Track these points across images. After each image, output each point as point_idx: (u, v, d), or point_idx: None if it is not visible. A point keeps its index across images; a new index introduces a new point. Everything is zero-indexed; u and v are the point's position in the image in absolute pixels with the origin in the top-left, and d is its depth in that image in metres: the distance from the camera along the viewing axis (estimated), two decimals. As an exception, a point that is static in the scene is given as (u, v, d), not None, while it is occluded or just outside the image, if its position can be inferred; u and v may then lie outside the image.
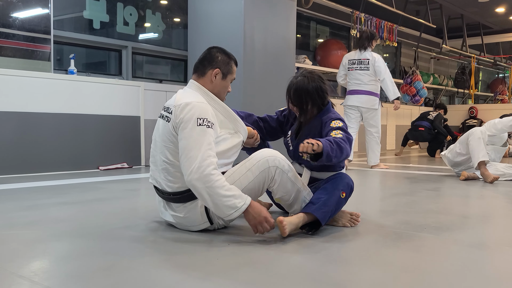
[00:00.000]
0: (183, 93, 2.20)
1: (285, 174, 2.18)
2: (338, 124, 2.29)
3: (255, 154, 2.19)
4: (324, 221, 2.18)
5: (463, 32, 10.70)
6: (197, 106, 2.07)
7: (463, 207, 3.18)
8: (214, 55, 2.24)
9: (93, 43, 5.53)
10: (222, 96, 2.28)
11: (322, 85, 2.39)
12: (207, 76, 2.22)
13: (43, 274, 1.60)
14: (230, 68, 2.27)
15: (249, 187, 2.14)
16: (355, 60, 5.69)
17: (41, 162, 4.61)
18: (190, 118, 2.04)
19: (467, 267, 1.76)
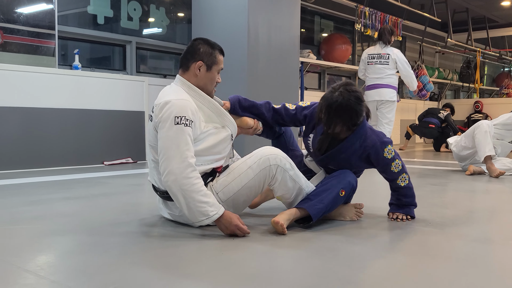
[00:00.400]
0: (166, 90, 2.17)
1: (287, 173, 2.16)
2: (399, 167, 2.34)
3: (256, 151, 2.18)
4: (316, 217, 2.17)
5: (468, 26, 10.63)
6: (175, 105, 2.02)
7: (468, 201, 3.17)
8: (196, 47, 2.18)
9: (97, 38, 5.54)
10: (210, 88, 2.21)
11: (357, 107, 2.21)
12: (191, 69, 2.17)
13: (49, 268, 1.61)
14: (215, 58, 2.19)
15: (249, 185, 2.14)
16: (375, 55, 5.80)
17: (46, 157, 4.62)
18: (168, 117, 2.00)
19: (472, 262, 1.76)
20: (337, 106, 2.18)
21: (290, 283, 1.48)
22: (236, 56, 5.15)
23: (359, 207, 2.41)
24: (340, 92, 2.21)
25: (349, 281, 1.51)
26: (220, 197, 2.14)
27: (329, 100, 2.22)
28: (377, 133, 2.35)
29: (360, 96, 2.24)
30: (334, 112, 2.20)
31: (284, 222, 2.08)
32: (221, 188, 2.14)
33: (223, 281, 1.50)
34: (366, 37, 9.47)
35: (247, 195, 2.17)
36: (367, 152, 2.31)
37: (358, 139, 2.30)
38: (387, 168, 2.35)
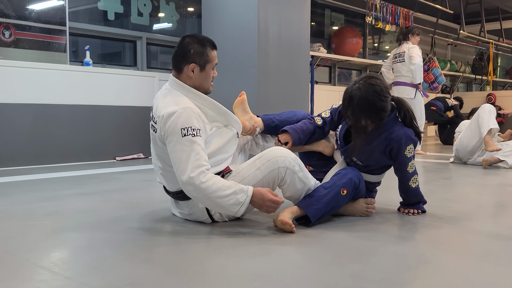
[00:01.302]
0: (165, 98, 2.11)
1: (296, 175, 2.14)
2: (413, 168, 2.36)
3: (265, 153, 2.15)
4: (314, 218, 2.14)
5: (481, 17, 10.49)
6: (179, 116, 2.00)
7: (480, 196, 3.15)
8: (186, 48, 2.12)
9: (108, 34, 5.56)
10: (206, 86, 2.18)
11: (375, 99, 2.19)
12: (184, 72, 2.13)
13: (63, 264, 1.63)
14: (207, 57, 2.14)
15: (258, 186, 2.12)
16: (396, 54, 6.23)
17: (59, 153, 4.67)
18: (174, 131, 1.99)
19: (483, 257, 1.75)
20: (357, 99, 2.19)
21: (301, 279, 1.49)
22: (246, 51, 5.14)
23: (371, 203, 2.39)
24: (359, 85, 2.21)
25: (360, 276, 1.51)
26: None
27: (348, 93, 2.24)
28: (406, 129, 2.31)
29: (379, 90, 2.20)
30: (354, 105, 2.20)
31: (290, 218, 2.08)
32: None
33: (235, 278, 1.51)
34: (377, 30, 9.40)
35: None
36: (391, 146, 2.29)
37: (385, 131, 2.29)
38: (403, 167, 2.35)
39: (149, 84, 5.44)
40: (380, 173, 2.48)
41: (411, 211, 2.46)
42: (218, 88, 2.87)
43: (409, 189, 2.41)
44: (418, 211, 2.46)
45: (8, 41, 4.47)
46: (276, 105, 5.29)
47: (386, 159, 2.35)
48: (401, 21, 8.47)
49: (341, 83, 8.70)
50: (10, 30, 4.47)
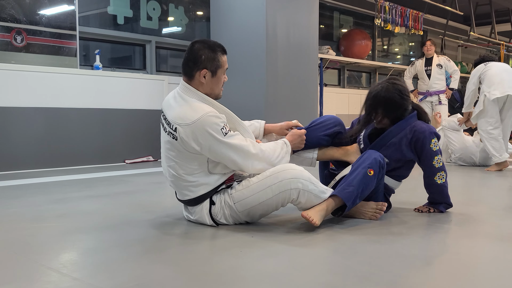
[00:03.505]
0: (184, 105, 2.10)
1: (310, 193, 2.11)
2: (440, 163, 2.40)
3: (279, 171, 2.10)
4: (349, 201, 2.15)
5: (491, 18, 10.42)
6: (207, 123, 2.02)
7: (491, 198, 3.12)
8: (197, 54, 2.11)
9: (117, 38, 5.60)
10: (217, 91, 2.18)
11: (397, 99, 2.33)
12: (196, 78, 2.12)
13: (71, 266, 1.64)
14: (218, 62, 2.14)
15: (267, 203, 2.11)
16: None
17: (70, 156, 4.71)
18: (211, 139, 2.02)
19: (493, 260, 1.73)
20: (377, 95, 2.34)
21: (308, 281, 1.49)
22: (255, 54, 5.16)
23: (381, 206, 2.38)
24: (383, 85, 2.36)
25: (367, 278, 1.51)
26: (236, 207, 2.13)
27: (372, 91, 2.39)
28: (427, 124, 2.42)
29: (402, 89, 2.36)
30: (376, 102, 2.35)
31: (315, 214, 2.09)
32: (238, 200, 2.13)
33: (242, 279, 1.51)
34: (386, 32, 9.36)
35: (264, 210, 2.16)
36: (416, 137, 2.35)
37: (408, 125, 2.38)
38: (429, 161, 2.38)
39: (158, 87, 5.47)
40: (400, 179, 2.51)
41: (424, 209, 2.47)
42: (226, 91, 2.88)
43: (434, 184, 2.43)
44: (434, 209, 2.48)
45: (20, 46, 4.52)
46: (285, 108, 5.30)
47: (412, 153, 2.39)
48: (411, 23, 8.44)
49: (350, 86, 8.68)
50: (22, 35, 4.52)
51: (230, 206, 2.14)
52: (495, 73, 4.54)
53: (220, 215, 2.17)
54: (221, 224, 2.19)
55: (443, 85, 6.80)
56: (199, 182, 2.13)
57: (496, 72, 4.55)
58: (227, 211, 2.16)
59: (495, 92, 4.45)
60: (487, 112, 4.51)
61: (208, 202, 2.16)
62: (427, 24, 9.65)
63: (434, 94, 6.79)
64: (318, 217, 2.10)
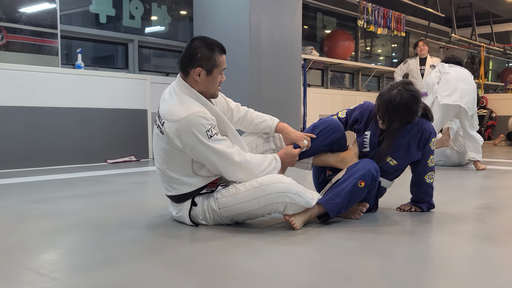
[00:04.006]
0: (175, 100, 2.09)
1: (297, 205, 2.10)
2: (432, 163, 2.43)
3: (267, 183, 2.07)
4: (333, 212, 2.15)
5: (472, 21, 10.57)
6: (192, 123, 1.99)
7: (471, 198, 3.17)
8: (194, 51, 2.09)
9: (99, 37, 5.55)
10: (212, 90, 2.16)
11: (414, 106, 2.27)
12: (191, 75, 2.10)
13: (50, 266, 1.62)
14: (214, 62, 2.10)
15: (252, 213, 2.10)
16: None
17: (50, 156, 4.65)
18: (194, 139, 2.00)
19: (473, 259, 1.76)
20: (395, 104, 2.24)
21: (290, 280, 1.49)
22: (238, 54, 5.15)
23: (362, 207, 2.38)
24: (399, 90, 2.26)
25: (348, 277, 1.52)
26: (221, 212, 2.12)
27: (388, 98, 2.27)
28: (429, 123, 2.43)
29: (418, 96, 2.29)
30: (391, 110, 2.25)
31: (297, 218, 2.11)
32: (223, 206, 2.11)
33: (223, 279, 1.51)
34: (369, 34, 9.44)
35: (249, 217, 2.17)
36: (424, 136, 2.36)
37: (416, 125, 2.36)
38: (425, 159, 2.41)
39: (140, 87, 5.43)
40: (394, 179, 2.52)
41: (406, 208, 2.50)
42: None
43: (423, 183, 2.46)
44: (415, 208, 2.50)
45: (0, 44, 4.45)
46: (268, 108, 5.30)
47: (420, 153, 2.40)
48: (393, 24, 8.52)
49: (333, 86, 8.73)
50: (2, 33, 4.45)
51: (214, 211, 2.13)
52: (452, 79, 4.52)
53: (202, 216, 2.16)
54: (201, 224, 2.19)
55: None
56: (182, 180, 2.12)
57: (454, 78, 4.54)
58: (209, 214, 2.14)
59: (447, 98, 4.45)
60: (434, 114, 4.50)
61: (190, 203, 2.15)
62: (409, 26, 9.75)
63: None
64: (299, 221, 2.12)
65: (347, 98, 8.31)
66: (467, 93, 4.49)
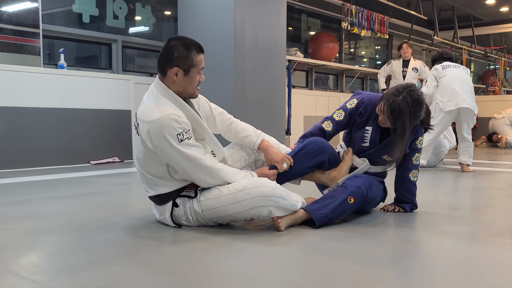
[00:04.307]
0: (152, 101, 2.08)
1: (282, 208, 2.10)
2: (418, 161, 2.50)
3: (251, 186, 2.05)
4: (319, 222, 2.15)
5: (454, 23, 10.71)
6: (163, 126, 1.97)
7: (454, 198, 3.20)
8: (171, 51, 2.07)
9: (82, 37, 5.50)
10: (191, 90, 2.13)
11: (418, 113, 2.31)
12: (168, 75, 2.08)
13: (31, 268, 1.60)
14: (191, 61, 2.08)
15: (235, 216, 2.09)
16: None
17: (32, 157, 4.58)
18: (163, 143, 1.98)
19: (455, 259, 1.78)
20: (400, 110, 2.27)
21: (274, 280, 1.49)
22: (223, 55, 5.15)
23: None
24: (404, 97, 2.28)
25: (332, 277, 1.52)
26: (205, 214, 2.11)
27: (393, 104, 2.28)
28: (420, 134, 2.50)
29: (422, 101, 2.33)
30: (396, 116, 2.28)
31: (284, 220, 2.11)
32: (207, 209, 2.10)
33: (206, 279, 1.50)
34: (353, 36, 9.51)
35: (233, 220, 2.15)
36: (417, 134, 2.44)
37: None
38: (410, 156, 2.46)
39: (124, 87, 5.39)
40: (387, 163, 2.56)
41: (390, 208, 2.52)
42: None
43: (407, 180, 2.49)
44: (399, 208, 2.52)
45: (-20, 43, 4.38)
46: (253, 109, 5.30)
47: (408, 148, 2.45)
48: (376, 26, 8.59)
49: (318, 88, 8.76)
50: (-18, 32, 4.38)
51: (197, 213, 2.11)
52: (449, 82, 4.52)
53: (184, 218, 2.14)
54: (184, 225, 2.18)
55: None
56: (160, 182, 2.12)
57: (450, 81, 4.53)
58: (192, 216, 2.13)
59: (449, 103, 4.46)
60: (434, 119, 4.53)
61: (171, 204, 2.14)
62: (392, 28, 9.84)
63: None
64: (285, 223, 2.12)
65: (331, 99, 8.35)
66: (468, 93, 4.50)
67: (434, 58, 4.96)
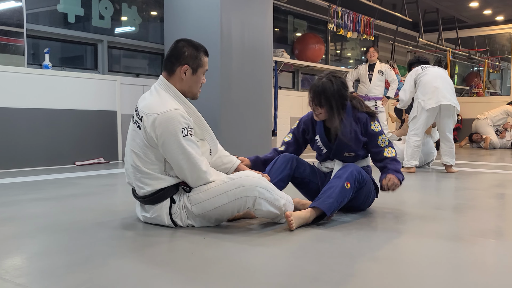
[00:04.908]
0: (156, 97, 2.14)
1: (265, 201, 2.11)
2: (385, 142, 2.56)
3: (236, 177, 2.12)
4: (329, 211, 2.24)
5: (438, 26, 10.83)
6: (170, 118, 2.03)
7: (438, 199, 3.24)
8: (180, 50, 2.17)
9: (68, 37, 5.45)
10: (195, 90, 2.23)
11: (342, 91, 2.46)
12: (176, 73, 2.16)
13: (14, 271, 1.58)
14: (200, 61, 2.20)
15: (222, 208, 2.11)
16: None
17: (16, 158, 4.53)
18: (168, 134, 2.03)
19: (439, 258, 1.80)
20: (323, 88, 2.42)
21: (260, 281, 1.49)
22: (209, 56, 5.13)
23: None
24: (327, 78, 2.46)
25: (317, 278, 1.53)
26: (193, 210, 2.13)
27: (315, 85, 2.47)
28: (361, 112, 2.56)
29: (345, 82, 2.51)
30: (321, 92, 2.43)
31: (297, 218, 2.17)
32: (195, 203, 2.12)
33: (193, 280, 1.50)
34: (339, 37, 9.56)
35: (220, 215, 2.16)
36: (361, 122, 2.52)
37: (350, 115, 2.51)
38: (374, 141, 2.54)
39: (110, 87, 5.36)
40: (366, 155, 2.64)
41: (391, 186, 2.49)
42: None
43: (385, 158, 2.55)
44: (399, 181, 2.51)
45: (-38, 42, 4.32)
46: (239, 109, 5.31)
47: (362, 136, 2.53)
48: (362, 28, 8.65)
49: (304, 89, 8.79)
50: (-35, 31, 4.33)
51: (187, 208, 2.13)
52: (430, 80, 4.54)
53: (179, 216, 2.15)
54: (177, 226, 2.17)
55: (381, 92, 7.12)
56: (155, 176, 2.12)
57: (431, 79, 4.55)
58: (184, 213, 2.15)
59: (430, 101, 4.48)
60: (419, 119, 4.60)
61: (169, 201, 2.14)
62: (378, 30, 9.92)
63: (372, 99, 7.08)
64: (297, 222, 2.16)
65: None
66: (449, 90, 4.53)
67: (411, 62, 5.00)
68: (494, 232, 2.26)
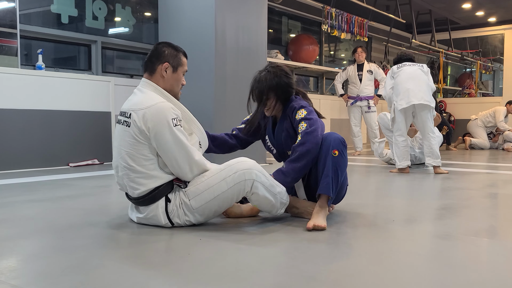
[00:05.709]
0: (140, 95, 2.18)
1: (262, 185, 2.15)
2: (301, 115, 2.36)
3: (232, 163, 2.16)
4: (329, 191, 2.21)
5: (431, 27, 10.89)
6: (160, 109, 2.08)
7: (431, 199, 3.26)
8: (160, 50, 2.24)
9: (61, 38, 5.43)
10: (176, 90, 2.27)
11: (285, 80, 2.44)
12: (158, 72, 2.21)
13: (9, 273, 1.57)
14: (179, 60, 2.26)
15: (222, 196, 2.13)
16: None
17: (9, 160, 4.51)
18: (160, 124, 2.06)
19: (433, 258, 1.81)
20: (266, 81, 2.42)
21: (256, 282, 1.50)
22: (203, 57, 5.14)
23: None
24: (267, 70, 2.46)
25: (313, 278, 1.54)
26: (192, 204, 2.13)
27: (259, 77, 2.45)
28: (299, 101, 2.45)
29: (286, 70, 2.48)
30: (265, 87, 2.41)
31: (319, 220, 2.18)
32: (193, 196, 2.13)
33: (190, 281, 1.50)
34: (333, 38, 9.58)
35: (219, 205, 2.17)
36: (291, 116, 2.41)
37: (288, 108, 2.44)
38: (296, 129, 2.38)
39: (104, 88, 5.34)
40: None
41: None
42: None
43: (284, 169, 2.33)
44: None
45: (-45, 43, 4.29)
46: (234, 110, 5.30)
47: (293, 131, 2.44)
48: (356, 29, 8.68)
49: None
50: (-43, 32, 4.30)
51: (185, 204, 2.13)
52: (401, 81, 4.58)
53: (176, 212, 2.15)
54: (173, 225, 2.17)
55: (372, 91, 7.13)
56: (150, 174, 2.12)
57: (403, 79, 4.59)
58: (181, 210, 2.14)
59: (401, 102, 4.51)
60: (396, 120, 4.63)
61: (164, 200, 2.14)
62: (371, 31, 9.95)
63: (364, 99, 7.10)
64: (322, 220, 2.19)
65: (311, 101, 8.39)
66: (420, 89, 4.50)
67: (394, 61, 5.03)
68: (487, 231, 2.28)
